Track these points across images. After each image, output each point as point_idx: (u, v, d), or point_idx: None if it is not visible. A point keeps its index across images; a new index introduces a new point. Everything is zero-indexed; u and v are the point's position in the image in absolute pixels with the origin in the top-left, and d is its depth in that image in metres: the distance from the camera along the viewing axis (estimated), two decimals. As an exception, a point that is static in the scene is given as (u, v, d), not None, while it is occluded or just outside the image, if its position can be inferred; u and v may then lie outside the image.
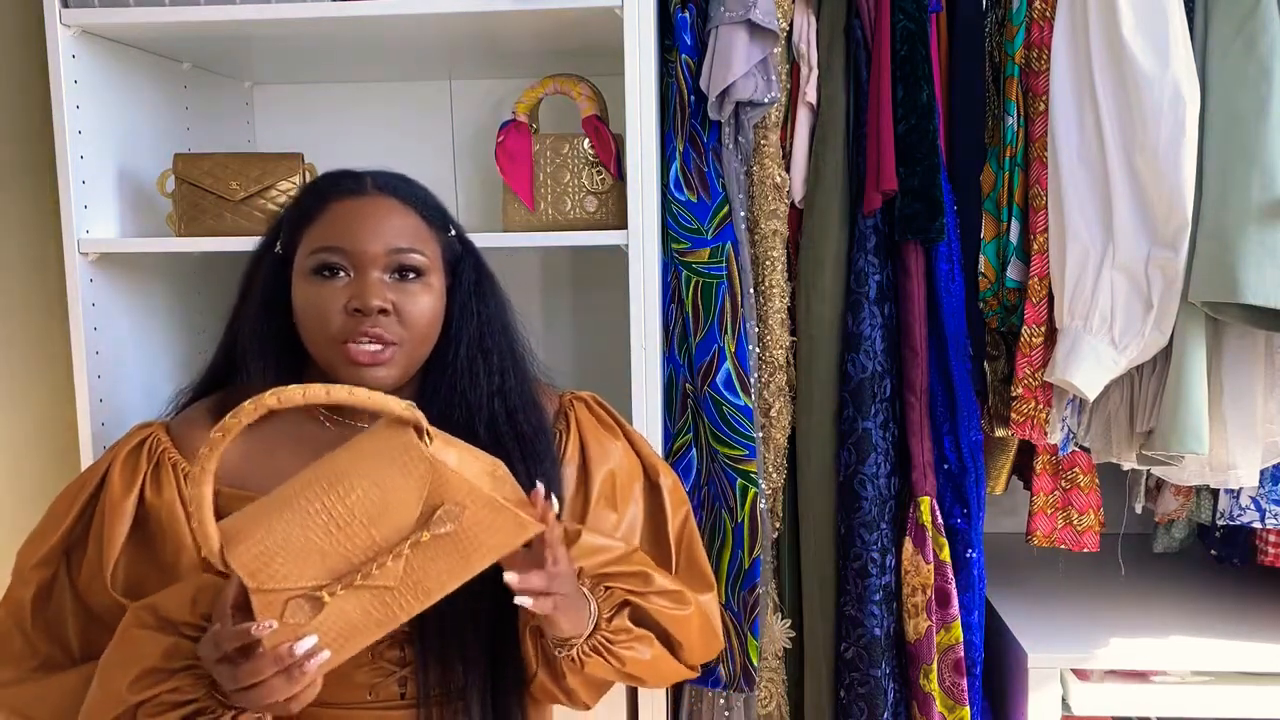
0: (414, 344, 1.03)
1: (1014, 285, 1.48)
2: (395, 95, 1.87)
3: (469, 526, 0.85)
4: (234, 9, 1.38)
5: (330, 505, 0.83)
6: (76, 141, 1.41)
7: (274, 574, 0.83)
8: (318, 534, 0.83)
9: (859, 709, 1.48)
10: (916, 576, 1.46)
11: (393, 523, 0.84)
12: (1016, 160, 1.47)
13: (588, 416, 1.16)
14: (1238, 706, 1.41)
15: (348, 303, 1.00)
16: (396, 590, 0.85)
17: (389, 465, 0.84)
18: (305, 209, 1.06)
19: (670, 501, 1.16)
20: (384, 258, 1.01)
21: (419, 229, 1.05)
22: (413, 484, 0.84)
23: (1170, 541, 1.69)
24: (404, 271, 1.03)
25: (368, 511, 0.83)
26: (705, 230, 1.48)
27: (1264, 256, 1.24)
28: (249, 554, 0.82)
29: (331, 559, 0.83)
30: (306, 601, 0.83)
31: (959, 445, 1.47)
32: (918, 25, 1.43)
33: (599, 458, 1.13)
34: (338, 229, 1.02)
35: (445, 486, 0.84)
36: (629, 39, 1.36)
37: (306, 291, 1.02)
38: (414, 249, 1.03)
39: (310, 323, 1.02)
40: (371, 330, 0.99)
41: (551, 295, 1.90)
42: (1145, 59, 1.28)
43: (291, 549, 0.83)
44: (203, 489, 0.82)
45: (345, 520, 0.83)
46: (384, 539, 0.84)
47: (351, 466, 0.84)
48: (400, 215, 1.04)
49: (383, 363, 1.01)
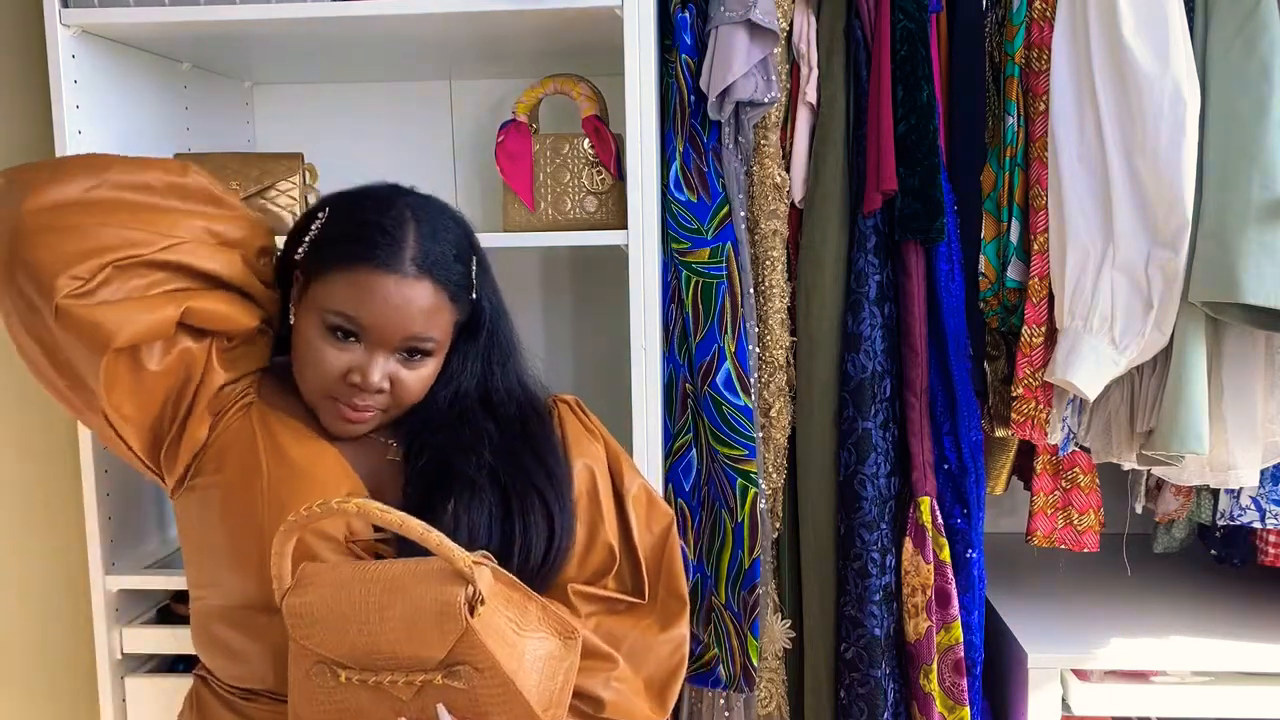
0: (400, 408, 1.07)
1: (1014, 285, 1.48)
2: (395, 95, 1.87)
3: (482, 693, 0.89)
4: (234, 9, 1.37)
5: (370, 610, 0.88)
6: (76, 141, 1.41)
7: (311, 635, 0.90)
8: (356, 624, 0.89)
9: (859, 709, 1.48)
10: (916, 576, 1.46)
11: (416, 652, 0.88)
12: (1016, 160, 1.46)
13: (571, 417, 1.16)
14: (1238, 706, 1.41)
15: (349, 372, 1.02)
16: (406, 705, 0.90)
17: (428, 610, 0.88)
18: (337, 252, 1.03)
19: (635, 514, 1.14)
20: (399, 343, 1.03)
21: (442, 310, 1.04)
22: (441, 637, 0.88)
23: (1170, 541, 1.68)
24: (412, 352, 1.05)
25: (400, 631, 0.88)
26: (705, 230, 1.48)
27: (1264, 257, 1.24)
28: (301, 609, 0.90)
29: (361, 650, 0.89)
30: (329, 671, 0.90)
31: (959, 445, 1.47)
32: (918, 25, 1.43)
33: (578, 454, 1.13)
34: (364, 303, 1.01)
35: (474, 651, 0.88)
36: (629, 39, 1.36)
37: (313, 339, 1.03)
38: (430, 336, 1.04)
39: (307, 368, 1.04)
40: (362, 403, 1.03)
41: (551, 295, 1.90)
42: (1145, 59, 1.28)
43: (333, 624, 0.89)
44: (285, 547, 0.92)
45: (378, 630, 0.88)
46: (406, 659, 0.89)
47: (403, 585, 0.89)
48: (428, 298, 1.03)
49: (362, 423, 1.05)
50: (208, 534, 1.05)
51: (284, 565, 0.92)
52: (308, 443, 1.05)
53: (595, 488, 1.12)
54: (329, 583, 0.91)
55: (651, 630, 1.12)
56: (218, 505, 1.04)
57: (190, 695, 1.12)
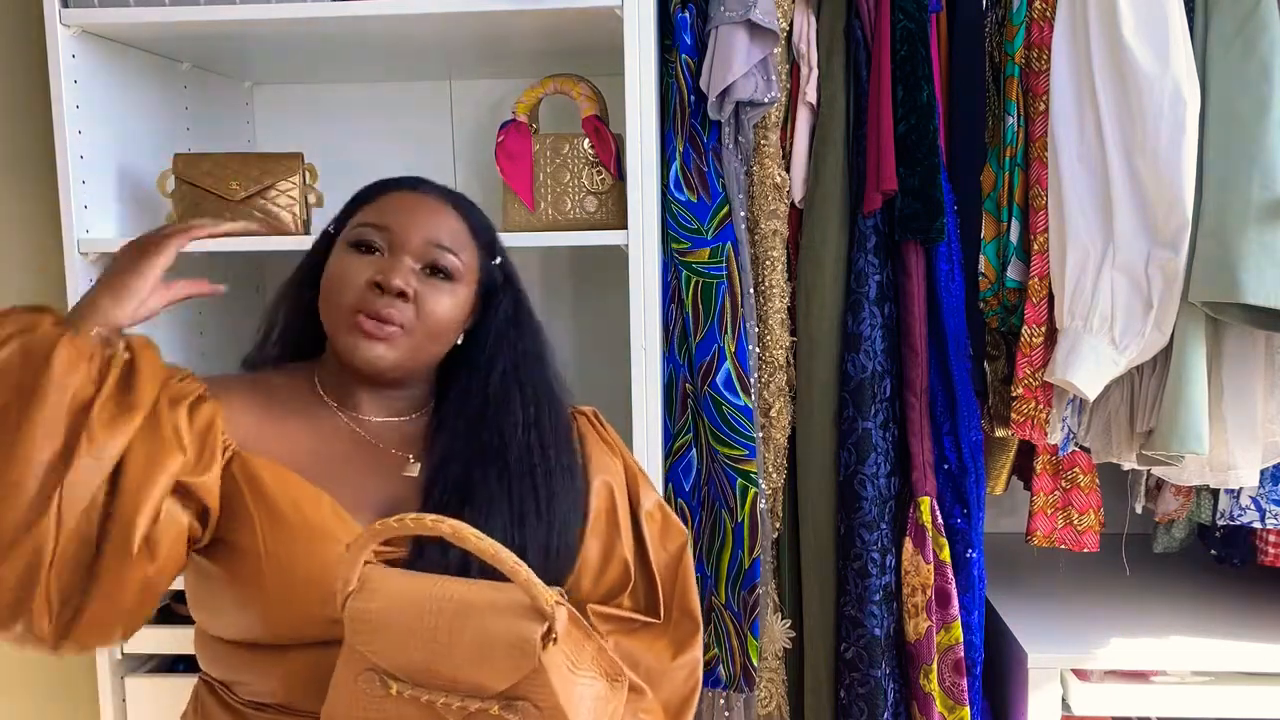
0: (423, 337, 1.03)
1: (1014, 285, 1.48)
2: (395, 95, 1.87)
3: None
4: (234, 9, 1.38)
5: (438, 629, 0.87)
6: (76, 141, 1.42)
7: (371, 643, 0.88)
8: (417, 643, 0.87)
9: (859, 709, 1.48)
10: (916, 576, 1.46)
11: (479, 679, 0.87)
12: (1016, 160, 1.47)
13: (590, 430, 1.15)
14: (1238, 706, 1.41)
15: (371, 276, 1.01)
16: None
17: (503, 640, 0.87)
18: (364, 194, 1.09)
19: (650, 532, 1.13)
20: (420, 248, 1.03)
21: (463, 236, 1.06)
22: (511, 669, 0.87)
23: (1170, 541, 1.68)
24: (435, 269, 1.04)
25: (464, 655, 0.87)
26: (705, 230, 1.48)
27: (1264, 257, 1.24)
28: (363, 615, 0.88)
29: (417, 666, 0.87)
30: (380, 681, 0.88)
31: (959, 445, 1.47)
32: (918, 25, 1.43)
33: (598, 469, 1.12)
34: (387, 211, 1.04)
35: (539, 688, 0.87)
36: (629, 39, 1.36)
37: (339, 260, 1.04)
38: (451, 250, 1.04)
39: (331, 290, 1.03)
40: (385, 310, 1.00)
41: (551, 295, 1.90)
42: (1145, 59, 1.28)
43: (393, 637, 0.87)
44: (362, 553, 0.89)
45: (445, 648, 0.87)
46: (465, 684, 0.87)
47: (478, 611, 0.88)
48: (448, 217, 1.06)
49: (385, 339, 1.00)
50: (208, 584, 1.01)
51: (354, 572, 0.89)
52: (296, 489, 0.98)
53: (614, 505, 1.11)
54: (397, 593, 0.89)
55: (667, 653, 1.11)
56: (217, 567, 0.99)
57: (194, 698, 1.11)
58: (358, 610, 0.88)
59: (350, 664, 0.89)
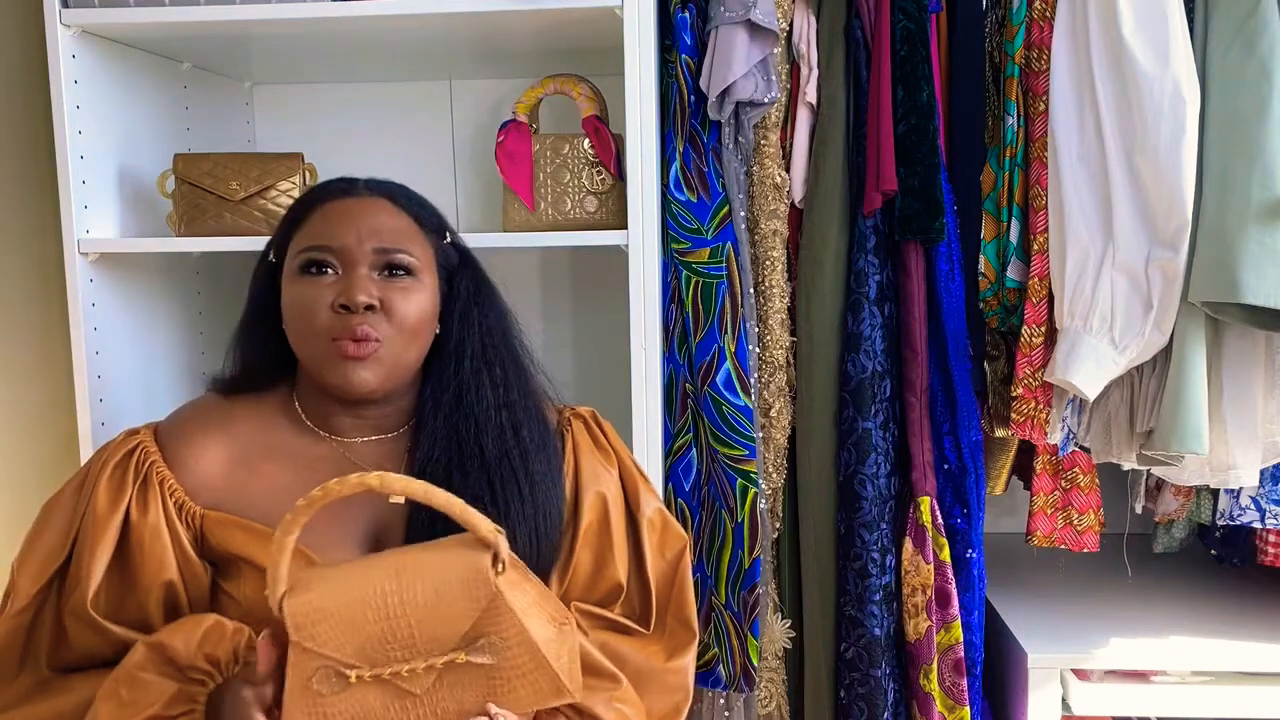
0: (402, 343, 1.01)
1: (1014, 285, 1.48)
2: (395, 95, 1.87)
3: (507, 666, 0.87)
4: (234, 9, 1.38)
5: (388, 593, 0.85)
6: (76, 141, 1.41)
7: (317, 635, 0.85)
8: (369, 615, 0.85)
9: (859, 709, 1.48)
10: (916, 576, 1.46)
11: (438, 632, 0.86)
12: (1016, 160, 1.47)
13: (585, 437, 1.12)
14: (1238, 706, 1.41)
15: (335, 300, 0.99)
16: (419, 700, 0.87)
17: (455, 578, 0.86)
18: (295, 214, 1.05)
19: (649, 539, 1.12)
20: (372, 255, 1.00)
21: (410, 229, 1.04)
22: (470, 605, 0.85)
23: (1170, 541, 1.69)
24: (393, 270, 1.01)
25: (420, 612, 0.85)
26: (705, 230, 1.48)
27: (1264, 256, 1.24)
28: (304, 608, 0.85)
29: (372, 644, 0.85)
30: (335, 675, 0.85)
31: (959, 445, 1.47)
32: (918, 25, 1.43)
33: (591, 480, 1.10)
34: (326, 227, 1.01)
35: (500, 620, 0.86)
36: (629, 39, 1.36)
37: (295, 290, 1.01)
38: (402, 249, 1.02)
39: (297, 322, 1.00)
40: (359, 328, 0.98)
41: (551, 295, 1.90)
42: (1145, 59, 1.28)
43: (341, 619, 0.85)
44: (286, 540, 0.85)
45: (397, 612, 0.85)
46: (425, 644, 0.86)
47: (422, 565, 0.87)
48: (390, 215, 1.03)
49: (365, 358, 0.99)
50: None
51: (283, 563, 0.85)
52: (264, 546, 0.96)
53: (607, 516, 1.09)
54: (333, 577, 0.87)
55: (658, 657, 1.10)
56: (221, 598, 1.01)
57: None
58: (297, 604, 0.85)
59: (299, 669, 0.85)
